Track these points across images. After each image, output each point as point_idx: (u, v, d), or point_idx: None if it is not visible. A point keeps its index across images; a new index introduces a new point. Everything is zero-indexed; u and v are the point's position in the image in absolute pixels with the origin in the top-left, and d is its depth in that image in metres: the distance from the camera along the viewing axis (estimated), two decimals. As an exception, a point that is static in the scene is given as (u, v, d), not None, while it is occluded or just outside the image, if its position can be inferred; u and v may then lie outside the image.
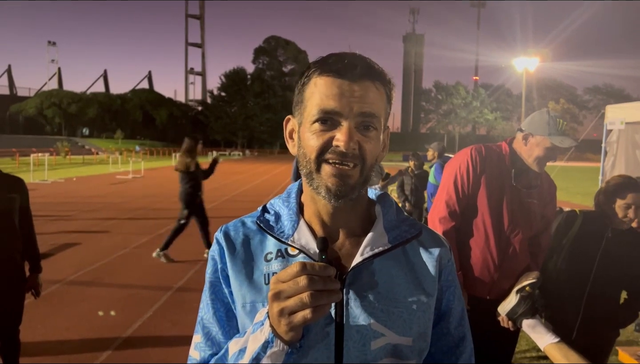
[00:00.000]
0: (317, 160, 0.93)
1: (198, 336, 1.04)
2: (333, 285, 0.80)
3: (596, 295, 2.57)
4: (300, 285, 0.78)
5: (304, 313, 0.79)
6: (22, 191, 3.28)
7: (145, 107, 79.82)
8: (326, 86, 0.93)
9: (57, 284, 6.16)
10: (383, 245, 0.98)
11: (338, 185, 0.92)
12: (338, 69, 0.92)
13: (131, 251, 8.17)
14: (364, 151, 0.93)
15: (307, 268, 0.79)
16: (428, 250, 1.04)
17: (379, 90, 0.95)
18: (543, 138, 2.43)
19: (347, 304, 0.94)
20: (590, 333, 2.59)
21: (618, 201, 2.51)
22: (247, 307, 0.98)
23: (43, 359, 4.12)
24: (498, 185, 2.55)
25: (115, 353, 4.25)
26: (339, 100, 0.91)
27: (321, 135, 0.93)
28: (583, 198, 15.99)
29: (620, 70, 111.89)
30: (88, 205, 13.69)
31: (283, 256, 0.99)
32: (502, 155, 2.59)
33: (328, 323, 0.93)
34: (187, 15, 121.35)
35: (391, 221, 1.03)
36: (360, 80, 0.92)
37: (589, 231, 2.60)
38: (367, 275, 0.97)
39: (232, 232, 1.06)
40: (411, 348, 0.97)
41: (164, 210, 12.84)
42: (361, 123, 0.92)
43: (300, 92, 0.98)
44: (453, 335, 1.07)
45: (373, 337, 0.94)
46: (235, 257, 1.02)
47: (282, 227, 1.01)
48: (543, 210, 2.66)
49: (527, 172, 2.57)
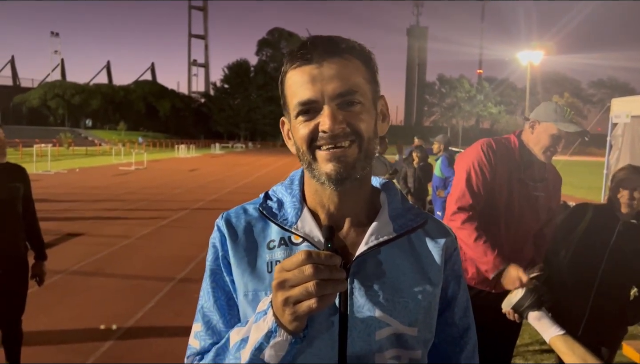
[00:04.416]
0: (310, 149, 0.92)
1: (198, 324, 1.02)
2: (339, 274, 0.78)
3: (605, 290, 2.53)
4: (305, 273, 0.77)
5: (309, 303, 0.77)
6: (25, 180, 3.27)
7: (148, 98, 79.76)
8: (297, 77, 0.92)
9: (60, 274, 6.17)
10: (388, 233, 0.96)
11: (337, 168, 0.91)
12: (302, 55, 0.91)
13: (134, 242, 8.17)
14: (355, 126, 0.91)
15: (313, 256, 0.78)
16: (434, 239, 1.02)
17: (351, 62, 0.92)
18: (550, 124, 2.44)
19: (352, 294, 0.93)
20: (597, 328, 2.56)
21: (621, 191, 2.49)
22: (249, 296, 0.96)
23: (45, 348, 4.12)
24: (508, 179, 2.54)
25: (117, 343, 4.25)
26: (312, 87, 0.90)
27: (306, 125, 0.92)
28: (587, 192, 15.93)
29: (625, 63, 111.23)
30: (91, 196, 13.71)
31: (286, 244, 0.97)
32: (512, 149, 2.58)
33: (332, 312, 0.91)
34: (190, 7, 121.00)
35: (396, 209, 1.02)
36: (327, 60, 0.90)
37: (599, 225, 2.56)
38: (372, 264, 0.95)
39: (234, 219, 1.03)
40: (416, 338, 0.96)
41: (167, 202, 12.88)
42: (342, 102, 0.90)
43: (282, 92, 0.97)
44: (458, 326, 1.06)
45: (378, 327, 0.92)
46: (237, 244, 1.00)
47: (285, 214, 0.99)
48: (549, 203, 2.65)
49: (536, 164, 2.56)
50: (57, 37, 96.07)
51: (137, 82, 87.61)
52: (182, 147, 43.91)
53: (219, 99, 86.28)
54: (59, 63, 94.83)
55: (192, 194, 14.79)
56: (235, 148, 63.97)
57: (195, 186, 16.97)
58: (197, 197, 13.98)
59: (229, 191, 15.64)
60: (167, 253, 7.36)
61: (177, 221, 10.09)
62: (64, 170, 22.27)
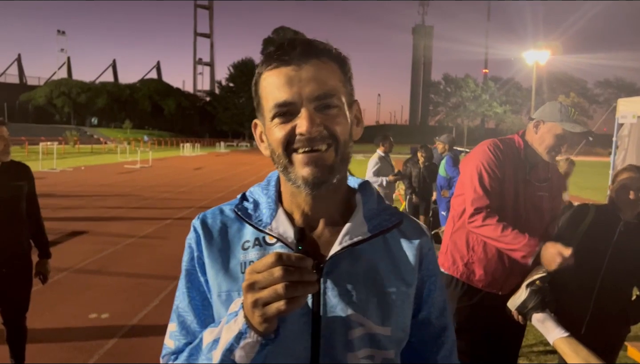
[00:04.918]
0: (286, 152, 0.91)
1: (173, 324, 1.02)
2: (309, 276, 0.78)
3: (607, 290, 2.52)
4: (275, 275, 0.76)
5: (278, 305, 0.77)
6: (29, 179, 3.27)
7: (154, 97, 79.90)
8: (274, 78, 0.91)
9: (65, 272, 6.19)
10: (362, 233, 0.96)
11: (314, 172, 0.90)
12: (279, 56, 0.90)
13: (138, 240, 8.19)
14: (332, 130, 0.91)
15: (283, 258, 0.77)
16: (409, 239, 1.03)
17: (328, 65, 0.92)
18: (554, 124, 2.43)
19: (325, 294, 0.93)
20: (599, 328, 2.55)
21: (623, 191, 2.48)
22: (223, 296, 0.96)
23: (50, 345, 4.14)
24: (514, 179, 2.53)
25: (121, 341, 4.26)
26: (289, 89, 0.89)
27: (283, 127, 0.91)
28: (592, 192, 15.86)
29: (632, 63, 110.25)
30: (96, 193, 13.77)
31: (260, 244, 0.97)
32: (517, 149, 2.57)
33: (305, 313, 0.91)
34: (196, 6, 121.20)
35: (371, 209, 1.01)
36: (305, 61, 0.90)
37: (601, 225, 2.55)
38: (346, 264, 0.95)
39: (210, 220, 1.04)
40: (389, 337, 0.96)
41: (171, 200, 12.92)
42: (319, 105, 0.90)
43: (256, 94, 0.96)
44: (434, 325, 1.06)
45: (351, 327, 0.93)
46: (211, 245, 1.00)
47: (261, 215, 0.99)
48: (552, 203, 2.65)
49: (540, 165, 2.56)
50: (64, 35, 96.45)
51: (143, 81, 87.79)
52: (187, 145, 44.07)
53: (224, 98, 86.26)
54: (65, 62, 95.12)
55: (197, 192, 14.83)
56: (240, 147, 64.04)
57: (200, 185, 17.02)
58: (202, 196, 14.01)
59: (234, 189, 15.66)
60: (171, 252, 7.37)
61: (182, 220, 10.10)
62: (69, 167, 22.37)
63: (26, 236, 3.27)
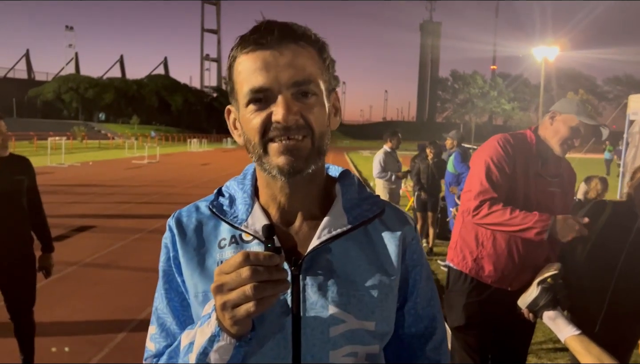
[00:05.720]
0: (262, 141, 0.87)
1: (153, 327, 1.00)
2: (279, 275, 0.75)
3: (622, 289, 2.49)
4: (242, 276, 0.73)
5: (247, 306, 0.74)
6: (29, 172, 3.22)
7: (161, 92, 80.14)
8: (250, 62, 0.86)
9: (74, 266, 6.23)
10: (342, 226, 0.93)
11: (289, 162, 0.86)
12: (256, 40, 0.86)
13: (146, 235, 8.23)
14: (308, 120, 0.87)
15: (251, 258, 0.74)
16: (391, 228, 0.99)
17: (307, 50, 0.88)
18: (570, 116, 2.44)
19: (304, 291, 0.89)
20: (614, 327, 2.52)
21: None
22: (200, 297, 0.93)
23: (59, 339, 4.16)
24: (525, 174, 2.51)
25: (130, 335, 4.29)
26: (266, 73, 0.85)
27: (258, 114, 0.86)
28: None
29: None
30: (104, 188, 13.83)
31: (237, 242, 0.93)
32: (529, 143, 2.55)
33: (284, 311, 0.88)
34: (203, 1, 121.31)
35: (351, 200, 0.98)
36: (283, 45, 0.85)
37: (618, 223, 2.51)
38: (325, 259, 0.91)
39: (185, 218, 1.00)
40: (373, 332, 0.93)
41: (179, 195, 12.96)
42: (297, 92, 0.86)
43: (230, 78, 0.92)
44: (421, 316, 1.03)
45: (332, 323, 0.89)
46: (186, 244, 0.96)
47: (236, 211, 0.96)
48: (564, 199, 2.63)
49: (552, 160, 2.54)
50: (72, 30, 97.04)
51: (150, 76, 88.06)
52: (194, 141, 44.12)
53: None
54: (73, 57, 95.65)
55: (204, 188, 14.85)
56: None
57: (207, 180, 17.05)
58: (209, 191, 13.87)
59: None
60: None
61: (189, 215, 10.11)
62: (77, 163, 22.48)
63: (27, 230, 3.24)
